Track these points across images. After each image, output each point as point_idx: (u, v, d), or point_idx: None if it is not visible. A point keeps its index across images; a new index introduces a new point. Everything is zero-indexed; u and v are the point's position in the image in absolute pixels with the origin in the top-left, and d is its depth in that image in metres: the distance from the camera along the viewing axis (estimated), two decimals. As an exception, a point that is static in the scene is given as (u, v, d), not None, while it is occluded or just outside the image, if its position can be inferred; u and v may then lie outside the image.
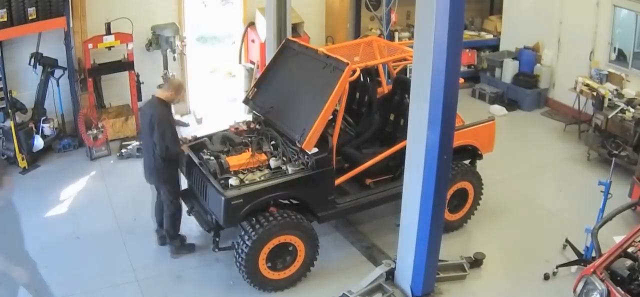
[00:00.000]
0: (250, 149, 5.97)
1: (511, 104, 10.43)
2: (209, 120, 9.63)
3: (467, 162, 6.79)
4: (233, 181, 5.45)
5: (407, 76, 7.62)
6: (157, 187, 6.16)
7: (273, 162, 5.77)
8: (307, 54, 6.48)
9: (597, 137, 8.40)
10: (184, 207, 6.24)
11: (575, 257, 6.01)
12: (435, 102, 4.76)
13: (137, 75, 8.98)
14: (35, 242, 6.39)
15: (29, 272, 5.87)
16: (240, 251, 5.42)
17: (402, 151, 5.42)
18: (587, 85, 8.90)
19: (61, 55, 8.29)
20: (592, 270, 4.50)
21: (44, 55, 8.12)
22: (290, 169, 5.66)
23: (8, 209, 7.02)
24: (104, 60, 8.74)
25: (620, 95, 8.47)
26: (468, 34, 11.52)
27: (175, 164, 5.99)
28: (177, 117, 9.60)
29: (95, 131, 8.33)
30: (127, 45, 8.72)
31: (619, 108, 8.11)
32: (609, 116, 8.07)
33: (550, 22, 10.13)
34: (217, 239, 5.75)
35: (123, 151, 8.43)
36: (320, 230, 5.94)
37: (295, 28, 9.53)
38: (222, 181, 5.49)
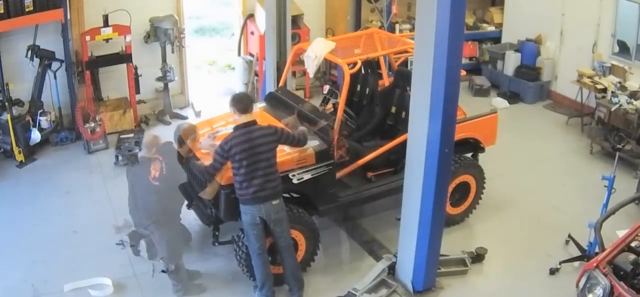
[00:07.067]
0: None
1: (513, 97, 10.35)
2: (207, 112, 9.53)
3: (469, 155, 6.72)
4: None
5: (409, 68, 7.54)
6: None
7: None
8: None
9: (600, 130, 8.34)
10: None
11: (578, 253, 5.96)
12: (437, 95, 4.70)
13: (136, 68, 8.88)
14: (32, 236, 6.38)
15: (26, 266, 5.85)
16: (240, 245, 5.36)
17: (404, 144, 5.35)
18: (590, 77, 8.83)
19: (58, 48, 8.19)
20: (595, 264, 4.46)
21: (41, 47, 8.02)
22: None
23: (5, 203, 7.03)
24: (101, 52, 8.64)
25: (623, 88, 8.39)
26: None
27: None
28: (176, 110, 9.61)
29: (92, 124, 8.25)
30: (125, 37, 8.62)
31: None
32: (612, 109, 8.00)
33: (553, 14, 10.02)
34: (217, 233, 5.69)
35: (119, 157, 7.99)
36: (319, 224, 5.89)
37: (295, 20, 9.43)
38: None
